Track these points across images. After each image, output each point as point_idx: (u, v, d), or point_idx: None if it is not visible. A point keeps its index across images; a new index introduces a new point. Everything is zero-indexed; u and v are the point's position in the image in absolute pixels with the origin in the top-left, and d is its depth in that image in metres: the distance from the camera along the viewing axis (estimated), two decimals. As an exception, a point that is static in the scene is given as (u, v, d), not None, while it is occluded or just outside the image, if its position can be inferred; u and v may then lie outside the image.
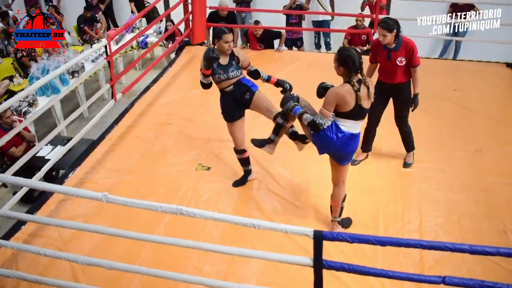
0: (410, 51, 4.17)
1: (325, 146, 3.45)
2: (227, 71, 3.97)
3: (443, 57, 8.70)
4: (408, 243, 2.43)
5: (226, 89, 4.03)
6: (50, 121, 7.13)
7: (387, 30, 4.07)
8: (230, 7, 8.01)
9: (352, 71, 3.27)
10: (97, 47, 5.63)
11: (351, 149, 3.46)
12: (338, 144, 3.39)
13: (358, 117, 3.36)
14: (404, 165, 4.64)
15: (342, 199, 3.73)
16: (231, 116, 4.14)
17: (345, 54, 3.27)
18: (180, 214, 2.58)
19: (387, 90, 4.36)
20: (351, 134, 3.39)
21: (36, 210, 4.11)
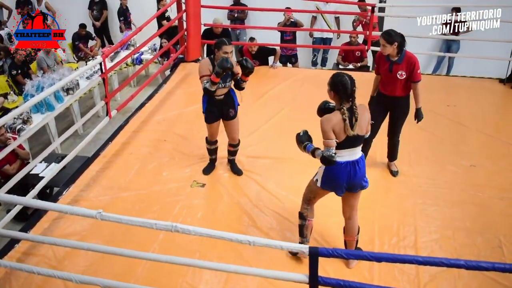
0: (412, 65, 4.24)
1: (333, 182, 3.35)
2: (225, 80, 4.25)
3: (437, 73, 8.79)
4: (404, 259, 2.44)
5: (218, 97, 4.32)
6: (45, 138, 7.11)
7: (387, 41, 4.15)
8: (224, 24, 8.07)
9: (343, 98, 3.19)
10: (92, 64, 5.65)
11: (359, 176, 3.34)
12: (345, 174, 3.28)
13: (352, 144, 3.26)
14: (394, 174, 4.73)
15: (357, 233, 3.60)
16: (212, 119, 4.46)
17: (338, 80, 3.19)
18: (175, 231, 2.58)
19: (386, 102, 4.43)
20: (352, 162, 3.29)
21: (30, 228, 4.07)
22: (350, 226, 3.57)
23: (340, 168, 3.26)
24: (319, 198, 3.57)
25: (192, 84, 6.90)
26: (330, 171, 3.29)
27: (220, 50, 4.12)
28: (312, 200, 3.57)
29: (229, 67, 4.03)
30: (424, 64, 9.20)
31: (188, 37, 7.36)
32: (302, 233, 3.63)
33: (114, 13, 10.60)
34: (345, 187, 3.35)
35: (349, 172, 3.28)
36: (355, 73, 7.36)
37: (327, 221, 4.09)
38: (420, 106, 4.44)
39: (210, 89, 4.17)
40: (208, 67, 4.19)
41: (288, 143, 4.08)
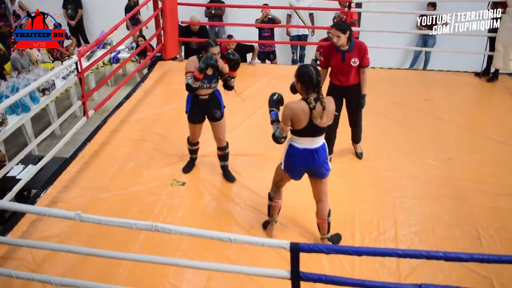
0: (363, 51, 4.39)
1: (292, 167, 3.54)
2: (211, 81, 4.21)
3: (414, 68, 8.90)
4: (384, 252, 2.46)
5: (202, 96, 4.27)
6: (21, 140, 7.00)
7: (341, 31, 4.26)
8: (202, 22, 8.03)
9: (310, 89, 3.29)
10: (67, 64, 5.57)
11: (318, 162, 3.48)
12: (302, 161, 3.45)
13: (313, 134, 3.38)
14: (359, 156, 4.91)
15: (327, 214, 3.72)
16: (196, 119, 4.43)
17: (304, 71, 3.30)
18: (155, 230, 2.56)
19: (340, 92, 4.51)
20: (311, 150, 3.43)
21: (8, 231, 4.00)
22: (320, 209, 3.72)
23: (298, 154, 3.44)
24: (286, 181, 3.73)
25: (170, 82, 6.86)
26: (289, 156, 3.50)
27: (207, 51, 4.08)
28: (279, 183, 3.75)
29: (213, 63, 3.99)
30: (401, 59, 9.31)
31: (165, 35, 7.30)
32: (269, 213, 3.89)
33: (89, 11, 10.48)
34: (303, 173, 3.56)
35: (306, 159, 3.44)
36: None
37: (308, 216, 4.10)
38: (365, 93, 4.57)
39: (193, 85, 4.11)
40: (194, 64, 4.16)
41: (268, 141, 4.07)
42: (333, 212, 4.11)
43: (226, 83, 4.29)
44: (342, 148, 5.03)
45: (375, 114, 5.77)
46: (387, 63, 8.07)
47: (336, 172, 4.71)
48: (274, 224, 3.93)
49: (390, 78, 6.96)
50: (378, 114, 5.77)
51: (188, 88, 4.15)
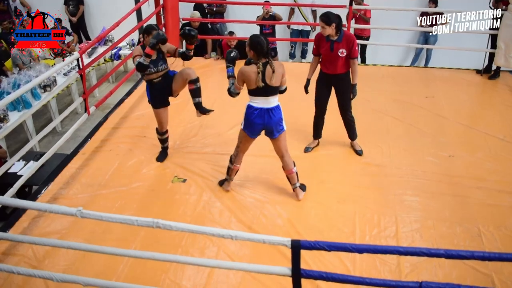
0: (351, 43, 4.51)
1: (251, 125, 3.95)
2: (157, 65, 4.39)
3: (415, 65, 8.88)
4: (385, 250, 2.46)
5: (155, 80, 4.46)
6: (22, 136, 7.00)
7: (325, 23, 4.41)
8: (203, 18, 8.02)
9: (260, 55, 3.78)
10: (69, 61, 5.56)
11: (274, 121, 3.94)
12: (260, 119, 3.91)
13: (266, 93, 3.85)
14: (359, 153, 4.98)
15: (293, 166, 4.17)
16: (158, 103, 4.59)
17: (256, 41, 3.78)
18: (156, 227, 2.56)
19: (329, 80, 4.69)
20: (266, 109, 3.89)
21: (9, 227, 4.01)
22: (285, 163, 4.17)
23: (255, 112, 3.90)
24: (247, 144, 4.16)
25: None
26: (248, 115, 3.94)
27: (150, 34, 4.29)
28: (240, 146, 4.18)
29: (162, 38, 4.16)
30: (402, 56, 9.29)
31: (166, 32, 7.29)
32: (228, 173, 4.35)
33: (90, 8, 10.47)
34: (260, 130, 4.01)
35: (263, 117, 3.90)
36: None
37: (309, 213, 4.12)
38: (356, 83, 4.70)
39: (144, 63, 4.21)
40: (140, 51, 4.32)
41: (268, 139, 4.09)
42: (333, 209, 4.14)
43: (184, 54, 4.48)
44: (343, 145, 5.04)
45: (375, 111, 5.77)
46: (388, 60, 8.08)
47: (336, 169, 4.74)
48: (230, 182, 4.39)
49: (391, 75, 6.95)
50: (379, 111, 5.77)
51: (140, 66, 4.23)
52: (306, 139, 5.07)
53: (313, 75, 4.83)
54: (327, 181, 4.54)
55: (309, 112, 4.96)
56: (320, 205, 4.21)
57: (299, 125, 5.19)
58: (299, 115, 5.27)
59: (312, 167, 4.72)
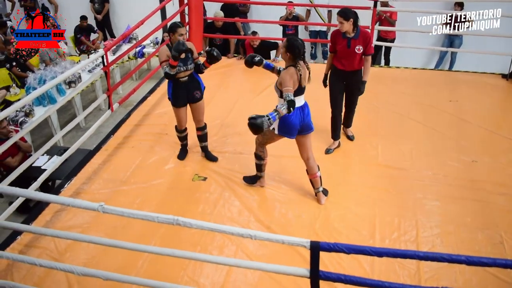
0: (367, 40, 4.60)
1: (289, 126, 3.91)
2: (186, 64, 4.42)
3: (439, 68, 8.77)
4: (405, 254, 2.44)
5: (182, 79, 4.48)
6: (47, 131, 7.12)
7: (344, 18, 4.49)
8: (226, 18, 8.05)
9: (297, 58, 3.81)
10: (94, 58, 5.64)
11: (308, 117, 4.00)
12: (298, 118, 3.91)
13: (301, 93, 3.90)
14: (351, 138, 5.19)
15: (317, 170, 4.17)
16: (179, 102, 4.61)
17: (293, 44, 3.79)
18: (176, 224, 2.58)
19: (343, 76, 4.78)
20: (301, 107, 3.94)
21: (32, 220, 4.09)
22: (310, 166, 4.17)
23: (294, 113, 3.87)
24: (272, 142, 4.17)
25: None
26: (285, 118, 3.85)
27: (175, 33, 4.34)
28: (265, 144, 4.22)
29: (184, 49, 4.17)
30: (426, 59, 9.19)
31: (190, 31, 7.34)
32: (261, 169, 4.39)
33: (115, 6, 10.59)
34: (298, 129, 3.97)
35: (300, 115, 3.93)
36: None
37: (328, 214, 4.10)
38: (366, 80, 4.79)
39: (170, 73, 4.30)
40: (166, 53, 4.35)
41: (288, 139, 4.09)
42: (353, 212, 4.12)
43: (199, 68, 4.56)
44: (362, 148, 5.02)
45: (397, 114, 5.72)
46: (412, 63, 7.99)
47: (356, 171, 4.71)
48: (264, 177, 4.43)
49: (414, 78, 6.88)
50: (401, 114, 5.72)
51: (167, 76, 4.37)
52: (326, 141, 5.05)
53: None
54: (347, 183, 4.52)
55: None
56: (339, 207, 4.19)
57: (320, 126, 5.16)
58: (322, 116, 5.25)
59: (331, 168, 4.70)
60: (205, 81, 4.58)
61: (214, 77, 6.56)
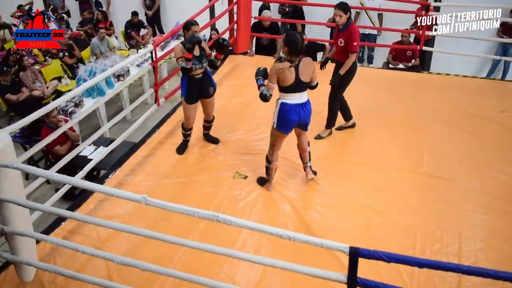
0: (350, 36, 4.67)
1: (287, 122, 4.04)
2: (201, 61, 4.61)
3: (491, 77, 8.48)
4: (447, 267, 2.37)
5: (197, 76, 4.64)
6: (94, 122, 7.32)
7: (343, 11, 4.65)
8: (274, 18, 8.05)
9: (294, 52, 3.87)
10: (143, 52, 5.76)
11: (308, 114, 4.10)
12: (296, 115, 4.01)
13: (299, 89, 3.98)
14: (316, 137, 5.14)
15: (307, 145, 4.35)
16: (192, 99, 4.76)
17: (292, 39, 3.86)
18: (216, 220, 2.59)
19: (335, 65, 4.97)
20: (300, 104, 4.02)
21: (77, 207, 4.21)
22: (301, 140, 4.35)
23: (291, 109, 4.00)
24: (280, 141, 4.23)
25: (240, 76, 6.92)
26: (282, 112, 4.01)
27: (189, 30, 4.49)
28: (274, 145, 4.24)
29: (197, 40, 4.35)
30: (478, 67, 8.91)
31: (238, 30, 7.38)
32: (268, 173, 4.39)
33: (166, 2, 10.77)
34: (295, 125, 4.10)
35: (298, 112, 4.02)
36: (406, 73, 7.25)
37: (370, 221, 4.04)
38: (341, 73, 4.82)
39: (187, 67, 4.48)
40: (182, 50, 4.51)
41: (334, 144, 4.05)
42: (394, 221, 4.04)
43: (212, 62, 4.75)
44: (406, 155, 4.91)
45: (446, 123, 5.57)
46: (463, 70, 7.76)
47: (401, 179, 4.61)
48: (272, 181, 4.43)
49: (464, 86, 6.68)
50: (449, 123, 5.56)
51: (184, 70, 4.53)
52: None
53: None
54: (390, 190, 4.42)
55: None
56: (381, 214, 4.12)
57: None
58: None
59: (374, 174, 4.63)
60: (250, 80, 4.58)
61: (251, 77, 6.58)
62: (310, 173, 4.44)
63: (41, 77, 7.70)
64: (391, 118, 5.66)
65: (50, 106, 3.82)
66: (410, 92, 6.39)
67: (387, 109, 5.87)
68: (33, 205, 3.19)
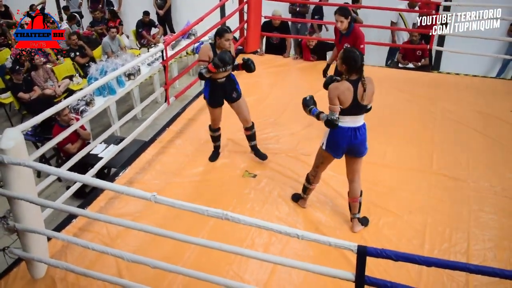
0: (356, 40, 4.59)
1: (336, 145, 3.71)
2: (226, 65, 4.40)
3: (501, 77, 8.41)
4: (455, 266, 2.37)
5: (219, 80, 4.49)
6: (105, 121, 7.37)
7: (344, 16, 4.54)
8: (284, 17, 8.05)
9: (352, 70, 3.51)
10: (154, 52, 5.79)
11: (360, 140, 3.69)
12: (347, 138, 3.65)
13: (356, 112, 3.60)
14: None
15: (359, 194, 3.90)
16: (216, 103, 4.63)
17: (350, 56, 3.51)
18: (225, 219, 2.62)
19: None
20: (353, 128, 3.64)
21: (87, 205, 4.25)
22: (353, 188, 3.90)
23: (342, 132, 3.64)
24: (327, 163, 3.91)
25: (250, 75, 6.85)
26: (333, 134, 3.68)
27: (222, 37, 4.34)
28: (320, 166, 3.94)
29: (228, 62, 4.26)
30: (488, 67, 8.84)
31: (248, 29, 7.39)
32: (305, 192, 4.15)
33: (177, 1, 10.81)
34: (345, 150, 3.73)
35: (350, 136, 3.65)
36: (415, 73, 7.22)
37: (378, 220, 4.04)
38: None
39: (205, 75, 4.34)
40: (208, 53, 4.39)
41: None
42: (404, 220, 4.03)
43: (234, 68, 4.63)
44: (417, 155, 4.91)
45: (456, 122, 5.55)
46: (473, 70, 7.70)
47: (410, 178, 4.60)
48: (307, 199, 4.19)
49: (475, 85, 6.64)
50: (459, 122, 5.54)
51: (201, 77, 4.40)
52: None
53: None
54: (400, 190, 4.42)
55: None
56: (390, 214, 4.12)
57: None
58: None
59: (383, 173, 4.62)
60: (260, 79, 4.61)
61: (269, 76, 6.58)
62: (358, 226, 3.96)
63: (53, 76, 7.78)
64: (402, 117, 5.66)
65: (61, 105, 3.86)
66: (420, 92, 6.36)
67: (397, 109, 5.87)
68: (45, 203, 3.24)
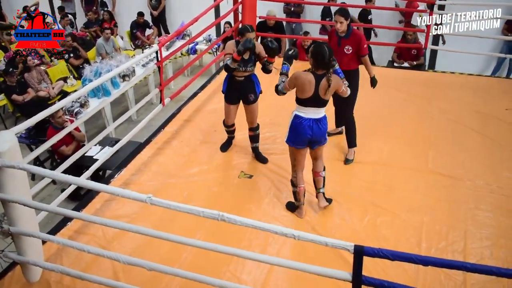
0: (358, 41, 4.52)
1: (298, 136, 3.80)
2: (246, 65, 4.49)
3: (496, 75, 8.44)
4: (452, 264, 2.37)
5: (238, 78, 4.56)
6: (100, 122, 7.35)
7: (344, 17, 4.44)
8: (279, 17, 8.05)
9: (319, 65, 3.62)
10: (148, 52, 5.76)
11: (322, 132, 3.82)
12: (309, 130, 3.75)
13: (317, 105, 3.72)
14: (346, 162, 4.80)
15: (322, 169, 4.06)
16: (232, 99, 4.71)
17: (318, 50, 3.61)
18: (221, 220, 2.61)
19: None
20: (315, 119, 3.76)
21: (82, 207, 4.22)
22: (316, 164, 4.07)
23: (304, 123, 3.75)
24: (299, 159, 3.96)
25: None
26: (294, 125, 3.79)
27: (244, 36, 4.36)
28: (294, 165, 4.01)
29: (250, 47, 4.26)
30: (483, 65, 8.88)
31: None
32: (296, 198, 4.10)
33: (171, 2, 10.79)
34: (307, 141, 3.83)
35: (311, 127, 3.76)
36: (411, 72, 7.25)
37: (375, 220, 4.04)
38: (374, 75, 4.73)
39: (231, 66, 4.37)
40: (233, 47, 4.44)
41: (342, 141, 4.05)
42: (401, 219, 4.03)
43: (265, 66, 4.52)
44: (414, 155, 4.91)
45: (452, 121, 5.56)
46: (468, 68, 7.72)
47: (407, 178, 4.60)
48: (302, 207, 4.10)
49: (470, 84, 6.66)
50: (455, 122, 5.55)
51: (226, 68, 4.43)
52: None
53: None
54: (397, 189, 4.42)
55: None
56: (387, 213, 4.11)
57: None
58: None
59: (380, 173, 4.62)
60: (256, 79, 4.59)
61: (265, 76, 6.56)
62: (323, 201, 4.11)
63: (47, 78, 7.75)
64: (398, 116, 5.66)
65: (55, 107, 3.83)
66: (416, 91, 6.37)
67: (394, 108, 5.87)
68: (39, 206, 3.21)
